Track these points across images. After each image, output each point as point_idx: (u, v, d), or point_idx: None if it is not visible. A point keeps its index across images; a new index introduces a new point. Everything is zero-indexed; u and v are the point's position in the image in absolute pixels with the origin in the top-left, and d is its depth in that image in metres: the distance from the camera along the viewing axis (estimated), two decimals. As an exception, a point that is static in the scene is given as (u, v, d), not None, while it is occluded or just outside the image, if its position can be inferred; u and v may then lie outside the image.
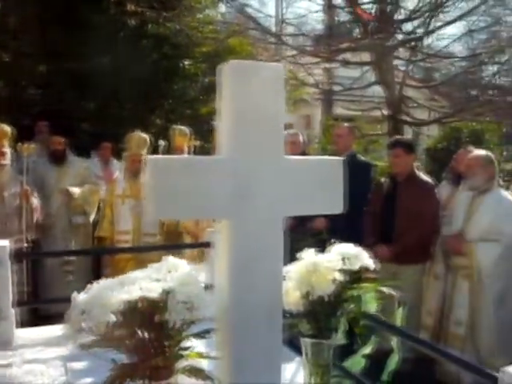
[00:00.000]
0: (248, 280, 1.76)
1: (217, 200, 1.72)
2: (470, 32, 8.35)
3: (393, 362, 4.98)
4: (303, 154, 5.83)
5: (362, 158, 5.60)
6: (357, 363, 5.51)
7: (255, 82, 1.76)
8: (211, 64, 9.37)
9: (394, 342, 3.18)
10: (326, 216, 5.18)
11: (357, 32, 8.06)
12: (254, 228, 1.75)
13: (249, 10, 9.12)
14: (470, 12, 7.30)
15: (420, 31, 7.40)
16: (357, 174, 5.25)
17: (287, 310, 1.92)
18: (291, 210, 1.91)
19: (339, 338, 5.49)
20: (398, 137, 5.46)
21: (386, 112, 7.87)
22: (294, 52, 8.23)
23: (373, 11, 7.29)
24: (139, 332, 1.68)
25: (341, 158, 1.93)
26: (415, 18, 7.40)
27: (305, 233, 4.95)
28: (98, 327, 1.58)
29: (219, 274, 1.82)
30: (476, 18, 8.19)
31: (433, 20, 7.32)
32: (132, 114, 7.71)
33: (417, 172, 4.97)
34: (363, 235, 5.02)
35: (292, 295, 1.89)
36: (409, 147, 4.91)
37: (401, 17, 7.76)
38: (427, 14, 7.09)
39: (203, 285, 1.80)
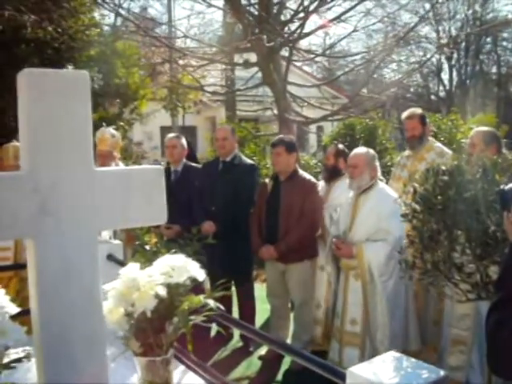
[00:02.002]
0: (59, 301, 1.65)
1: (18, 218, 1.59)
2: (354, 32, 8.63)
3: (287, 361, 5.01)
4: (189, 157, 5.75)
5: (247, 160, 5.58)
6: (253, 365, 5.52)
7: (55, 91, 1.65)
8: (99, 68, 9.11)
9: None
10: (213, 219, 5.15)
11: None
12: (61, 246, 1.64)
13: (136, 13, 8.95)
14: (347, 12, 7.53)
15: (301, 31, 7.53)
16: (242, 175, 5.28)
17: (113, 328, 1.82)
18: (106, 224, 1.82)
19: (235, 342, 5.43)
20: (281, 136, 5.47)
21: (275, 112, 7.94)
22: (185, 54, 8.13)
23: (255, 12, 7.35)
24: None
25: (161, 167, 1.85)
26: (298, 19, 7.54)
27: (191, 238, 4.88)
28: None
29: (30, 297, 1.70)
30: (359, 18, 8.49)
31: (310, 20, 7.54)
32: (15, 123, 7.26)
33: (299, 170, 5.01)
34: (250, 236, 5.03)
35: (115, 313, 1.79)
36: (290, 146, 4.94)
37: (284, 18, 7.89)
38: (305, 15, 7.23)
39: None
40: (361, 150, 4.53)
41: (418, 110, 5.10)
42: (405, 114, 5.07)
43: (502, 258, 2.36)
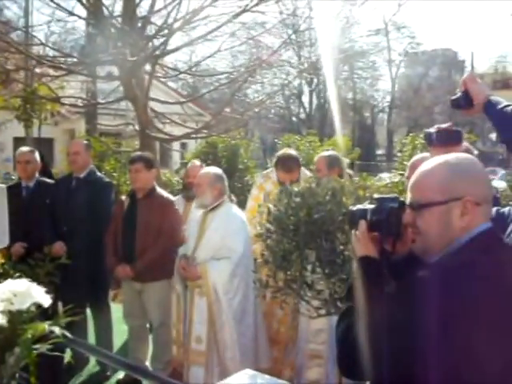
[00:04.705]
0: None
1: None
2: (218, 51, 8.77)
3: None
4: (43, 172, 5.46)
5: (102, 177, 5.42)
6: (111, 388, 5.31)
7: None
8: None
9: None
10: (64, 239, 4.90)
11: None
12: None
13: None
14: (212, 32, 7.65)
15: (166, 48, 7.52)
16: (97, 193, 5.10)
17: None
18: None
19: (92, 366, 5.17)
20: (139, 153, 5.40)
21: (137, 127, 7.82)
22: (42, 63, 7.72)
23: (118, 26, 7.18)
24: None
25: (1, 186, 1.72)
26: (162, 35, 7.52)
27: (43, 259, 4.62)
28: None
29: None
30: (225, 39, 8.66)
31: (174, 37, 7.61)
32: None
33: (157, 188, 4.96)
34: (105, 255, 4.86)
35: None
36: (149, 162, 4.88)
37: (150, 32, 7.84)
38: (169, 31, 7.24)
39: None
40: (206, 169, 4.67)
41: (293, 156, 4.95)
42: (281, 164, 4.84)
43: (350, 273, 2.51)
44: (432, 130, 2.53)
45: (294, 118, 42.33)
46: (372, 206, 1.74)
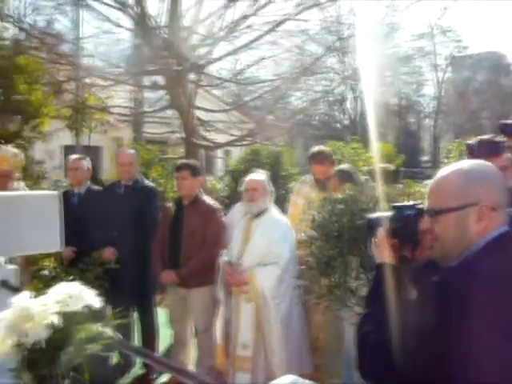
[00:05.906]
0: None
1: None
2: (261, 60, 8.84)
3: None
4: (93, 179, 5.63)
5: (148, 184, 5.54)
6: (154, 392, 5.39)
7: None
8: (-1, 82, 8.70)
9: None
10: (114, 244, 5.04)
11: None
12: None
13: (41, 27, 8.71)
14: (255, 41, 7.73)
15: (210, 57, 7.66)
16: (143, 199, 5.23)
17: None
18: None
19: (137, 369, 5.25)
20: (185, 160, 5.50)
21: (182, 135, 7.98)
22: (91, 73, 7.98)
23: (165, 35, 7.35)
24: None
25: (56, 193, 1.81)
26: (206, 45, 7.65)
27: (93, 263, 4.77)
28: None
29: None
30: (268, 47, 8.73)
31: (219, 46, 7.75)
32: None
33: (202, 195, 5.03)
34: (152, 261, 4.97)
35: (4, 344, 1.71)
36: (195, 170, 4.96)
37: (194, 42, 7.98)
38: (214, 41, 7.36)
39: None
40: (258, 174, 4.68)
41: (326, 151, 5.15)
42: (313, 157, 5.06)
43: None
44: (473, 141, 2.53)
45: (337, 125, 42.02)
46: (390, 214, 1.77)
